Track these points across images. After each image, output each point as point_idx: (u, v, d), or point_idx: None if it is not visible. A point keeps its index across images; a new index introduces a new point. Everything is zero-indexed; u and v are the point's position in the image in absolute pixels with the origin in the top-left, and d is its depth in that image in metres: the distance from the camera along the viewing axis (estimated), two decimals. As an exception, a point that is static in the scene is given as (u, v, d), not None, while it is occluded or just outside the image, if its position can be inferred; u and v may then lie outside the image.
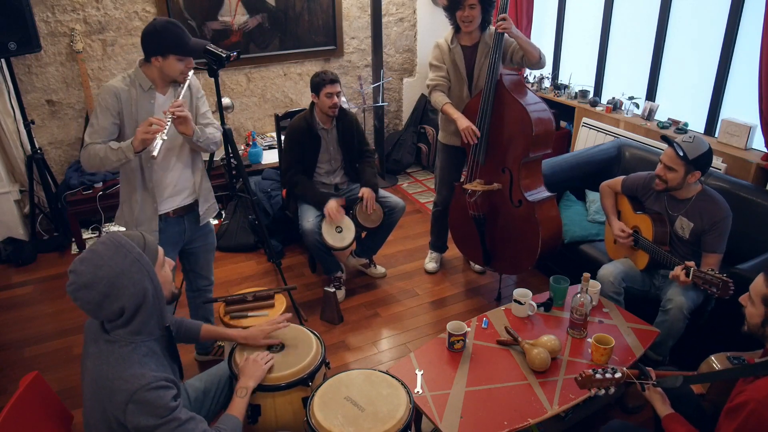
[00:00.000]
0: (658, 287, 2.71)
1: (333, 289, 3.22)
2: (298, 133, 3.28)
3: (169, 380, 1.54)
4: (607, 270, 2.69)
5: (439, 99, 3.11)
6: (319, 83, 3.16)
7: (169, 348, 1.71)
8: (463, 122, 2.95)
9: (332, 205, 3.20)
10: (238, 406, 1.79)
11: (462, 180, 3.24)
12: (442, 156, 3.43)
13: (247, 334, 2.08)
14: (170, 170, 2.38)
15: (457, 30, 3.11)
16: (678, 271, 2.41)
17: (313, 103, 3.29)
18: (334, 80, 3.17)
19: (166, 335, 1.68)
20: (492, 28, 3.00)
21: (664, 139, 2.57)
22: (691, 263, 2.39)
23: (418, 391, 2.11)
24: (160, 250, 1.63)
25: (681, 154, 2.45)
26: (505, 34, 2.92)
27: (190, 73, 2.29)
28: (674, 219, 2.62)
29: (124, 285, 1.48)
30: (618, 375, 1.82)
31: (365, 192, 3.27)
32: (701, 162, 2.47)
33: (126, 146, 2.13)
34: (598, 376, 1.82)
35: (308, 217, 3.22)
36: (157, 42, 2.15)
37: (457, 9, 2.99)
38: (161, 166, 2.34)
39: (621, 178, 2.88)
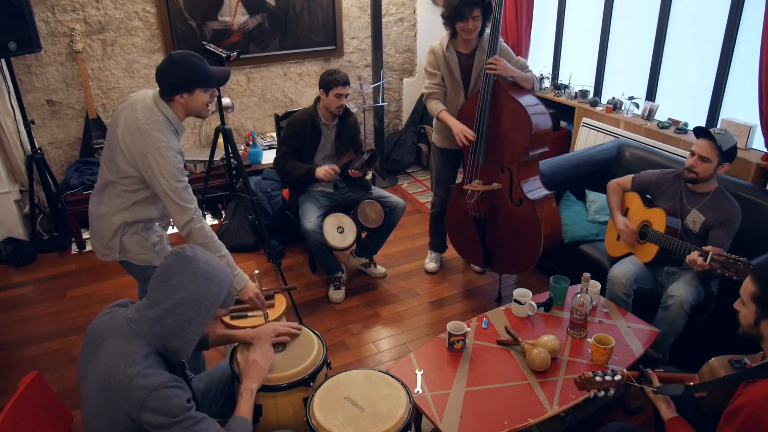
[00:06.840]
0: (661, 284, 2.71)
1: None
2: (299, 124, 3.30)
3: (180, 383, 1.56)
4: (620, 271, 2.66)
5: (435, 107, 3.12)
6: (331, 82, 3.19)
7: (177, 371, 1.70)
8: (456, 127, 2.97)
9: (323, 168, 3.23)
10: (244, 407, 1.78)
11: (459, 181, 3.24)
12: (437, 158, 3.42)
13: (256, 333, 2.03)
14: None
15: (453, 35, 3.07)
16: (695, 255, 2.39)
17: (318, 98, 3.30)
18: (347, 83, 3.22)
19: (179, 366, 1.69)
20: (488, 31, 2.99)
21: (701, 129, 2.57)
22: (708, 247, 2.39)
23: (418, 391, 2.11)
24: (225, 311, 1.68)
25: (718, 144, 2.50)
26: (501, 41, 2.92)
27: (213, 102, 2.21)
28: (687, 212, 2.64)
29: (188, 286, 1.55)
30: (617, 377, 1.81)
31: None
32: (732, 154, 2.54)
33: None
34: (597, 378, 1.81)
35: (310, 217, 3.22)
36: (181, 77, 2.06)
37: (459, 20, 2.94)
38: None
39: (631, 176, 2.91)
